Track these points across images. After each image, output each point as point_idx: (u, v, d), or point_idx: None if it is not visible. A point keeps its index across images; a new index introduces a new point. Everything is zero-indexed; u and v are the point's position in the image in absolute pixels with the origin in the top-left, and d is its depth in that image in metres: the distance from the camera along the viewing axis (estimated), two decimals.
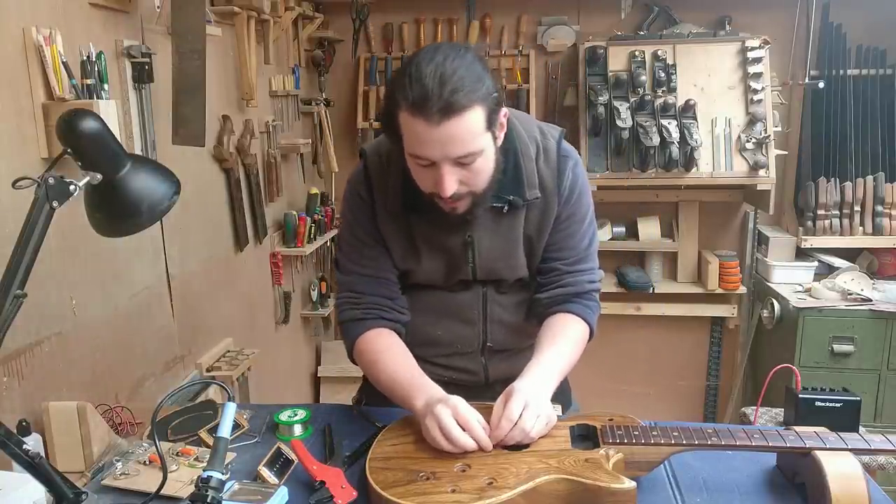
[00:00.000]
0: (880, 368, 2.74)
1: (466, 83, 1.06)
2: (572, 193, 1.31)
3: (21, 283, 0.96)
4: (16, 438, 0.97)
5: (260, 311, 2.75)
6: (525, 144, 1.28)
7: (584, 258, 1.36)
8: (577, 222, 1.33)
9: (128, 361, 1.76)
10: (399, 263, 1.35)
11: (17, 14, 1.37)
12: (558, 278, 1.34)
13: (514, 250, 1.32)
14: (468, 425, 1.08)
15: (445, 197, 1.15)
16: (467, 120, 1.08)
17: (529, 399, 1.12)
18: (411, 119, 1.09)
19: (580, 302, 1.35)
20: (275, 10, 2.58)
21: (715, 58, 2.92)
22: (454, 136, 1.08)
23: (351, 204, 1.35)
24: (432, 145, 1.10)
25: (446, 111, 1.06)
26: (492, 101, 1.11)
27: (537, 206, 1.30)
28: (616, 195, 3.17)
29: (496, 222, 1.29)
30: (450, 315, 1.38)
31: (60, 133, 1.05)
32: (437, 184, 1.14)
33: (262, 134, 2.70)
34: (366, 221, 1.33)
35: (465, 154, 1.11)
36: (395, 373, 1.24)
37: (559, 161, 1.30)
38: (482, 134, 1.12)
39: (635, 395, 3.48)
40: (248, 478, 1.15)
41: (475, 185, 1.17)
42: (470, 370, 1.42)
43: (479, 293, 1.37)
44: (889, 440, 1.04)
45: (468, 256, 1.32)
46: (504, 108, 1.18)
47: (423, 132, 1.08)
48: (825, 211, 2.98)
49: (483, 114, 1.10)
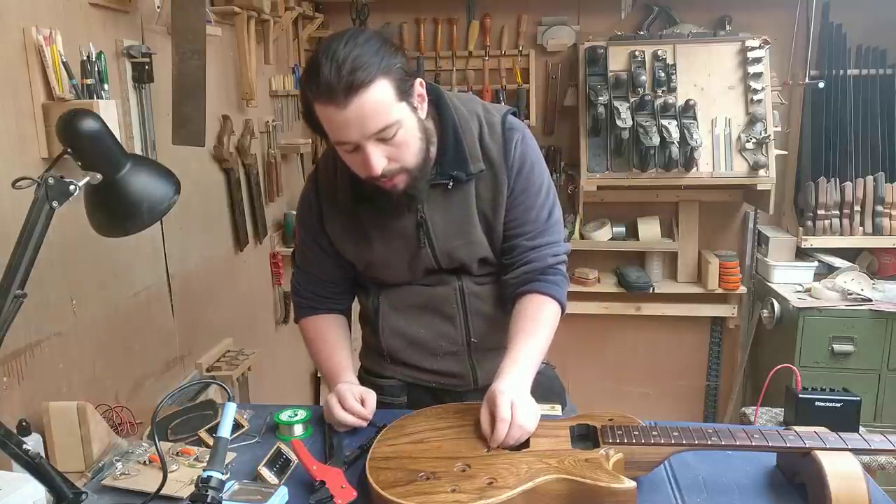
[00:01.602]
0: (880, 368, 2.74)
1: (363, 60, 1.09)
2: (523, 165, 1.31)
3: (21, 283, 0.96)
4: (16, 438, 0.97)
5: (260, 311, 2.75)
6: (464, 119, 1.30)
7: (545, 231, 1.35)
8: (532, 195, 1.33)
9: (128, 361, 1.76)
10: (354, 259, 1.38)
11: (17, 14, 1.37)
12: (522, 256, 1.34)
13: (470, 227, 1.32)
14: (343, 399, 1.29)
15: (375, 175, 1.17)
16: (373, 94, 1.10)
17: (514, 398, 1.13)
18: (323, 108, 1.12)
19: (546, 279, 1.33)
20: (275, 10, 2.58)
21: (715, 58, 2.92)
22: (365, 113, 1.11)
23: (301, 210, 1.45)
24: (347, 127, 1.13)
25: (349, 90, 1.09)
26: (397, 72, 1.13)
27: (486, 180, 1.31)
28: (616, 195, 3.17)
29: (445, 199, 1.31)
30: (428, 311, 1.39)
31: (60, 133, 1.05)
32: (364, 164, 1.16)
33: (262, 134, 2.70)
34: (311, 227, 1.41)
35: (382, 128, 1.13)
36: (320, 363, 1.45)
37: (504, 133, 1.31)
38: (394, 105, 1.14)
39: (635, 395, 3.48)
40: (248, 478, 1.15)
41: (403, 160, 1.19)
42: (457, 374, 1.42)
43: (455, 286, 1.37)
44: (889, 440, 1.04)
45: (422, 238, 1.32)
46: (419, 79, 1.20)
47: (336, 117, 1.12)
48: (825, 211, 2.98)
49: (390, 85, 1.12)
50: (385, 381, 1.46)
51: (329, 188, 1.36)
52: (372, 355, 1.50)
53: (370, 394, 1.32)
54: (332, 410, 1.29)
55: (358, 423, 1.29)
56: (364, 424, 1.29)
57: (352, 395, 1.30)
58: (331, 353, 1.43)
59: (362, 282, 1.46)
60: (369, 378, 1.48)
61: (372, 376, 1.49)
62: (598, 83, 2.96)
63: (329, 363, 1.42)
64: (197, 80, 1.85)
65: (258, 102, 2.56)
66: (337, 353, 1.43)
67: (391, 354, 1.44)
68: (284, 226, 2.90)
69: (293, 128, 3.04)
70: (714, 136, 2.89)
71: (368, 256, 1.37)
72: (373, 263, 1.38)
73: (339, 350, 1.43)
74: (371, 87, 1.10)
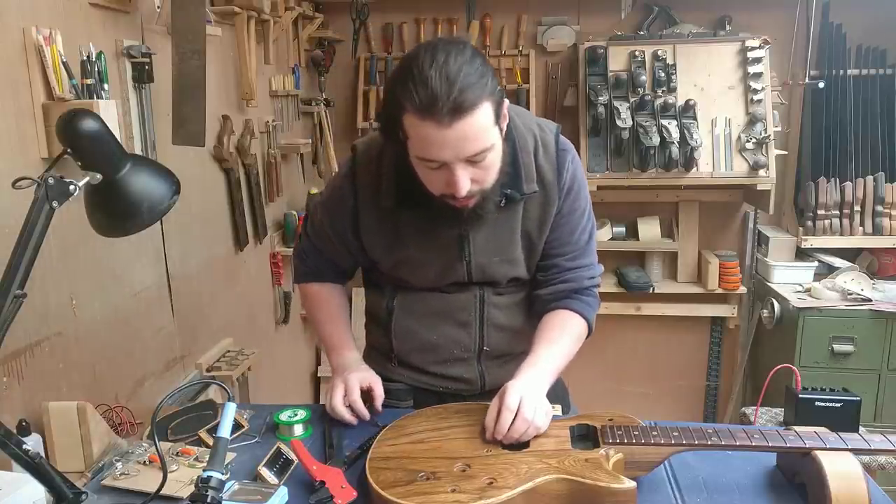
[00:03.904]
0: (880, 368, 2.74)
1: (472, 80, 1.05)
2: (572, 187, 1.31)
3: (21, 283, 0.96)
4: (16, 438, 0.97)
5: (260, 311, 2.75)
6: (523, 138, 1.28)
7: (584, 253, 1.36)
8: (577, 217, 1.33)
9: (128, 361, 1.76)
10: (382, 258, 1.36)
11: (17, 14, 1.37)
12: (559, 274, 1.34)
13: (511, 246, 1.32)
14: (350, 391, 1.30)
15: (460, 197, 1.14)
16: (477, 118, 1.07)
17: (524, 393, 1.13)
18: (419, 122, 1.06)
19: (580, 298, 1.34)
20: (275, 10, 2.58)
21: (715, 58, 2.92)
22: (466, 136, 1.07)
23: (331, 194, 1.40)
24: (444, 147, 1.08)
25: (456, 112, 1.04)
26: (497, 94, 1.11)
27: (536, 200, 1.29)
28: (616, 195, 3.17)
29: (493, 216, 1.28)
30: (444, 317, 1.38)
31: (60, 133, 1.05)
32: (449, 184, 1.13)
33: (262, 134, 2.70)
34: (338, 218, 1.37)
35: (479, 151, 1.10)
36: (320, 330, 1.47)
37: (558, 155, 1.30)
38: (492, 129, 1.11)
39: (635, 395, 3.48)
40: (248, 478, 1.15)
41: (486, 182, 1.17)
42: (466, 379, 1.41)
43: (475, 294, 1.36)
44: (889, 440, 1.04)
45: (463, 252, 1.31)
46: (507, 100, 1.18)
47: (434, 135, 1.06)
48: (825, 211, 2.98)
49: (491, 109, 1.09)
50: (391, 385, 1.45)
51: (370, 187, 1.31)
52: (377, 357, 1.48)
53: (377, 383, 1.33)
54: (334, 401, 1.30)
55: (353, 421, 1.30)
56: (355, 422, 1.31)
57: (358, 388, 1.31)
58: (332, 322, 1.45)
59: (378, 281, 1.44)
60: None
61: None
62: (598, 83, 2.96)
63: (330, 332, 1.44)
64: (197, 80, 1.85)
65: (258, 102, 2.56)
66: (339, 324, 1.45)
67: (400, 357, 1.43)
68: (284, 226, 2.90)
69: (293, 128, 3.04)
70: (714, 136, 2.89)
71: (400, 257, 1.34)
72: (402, 265, 1.35)
73: (341, 320, 1.46)
74: (477, 110, 1.06)
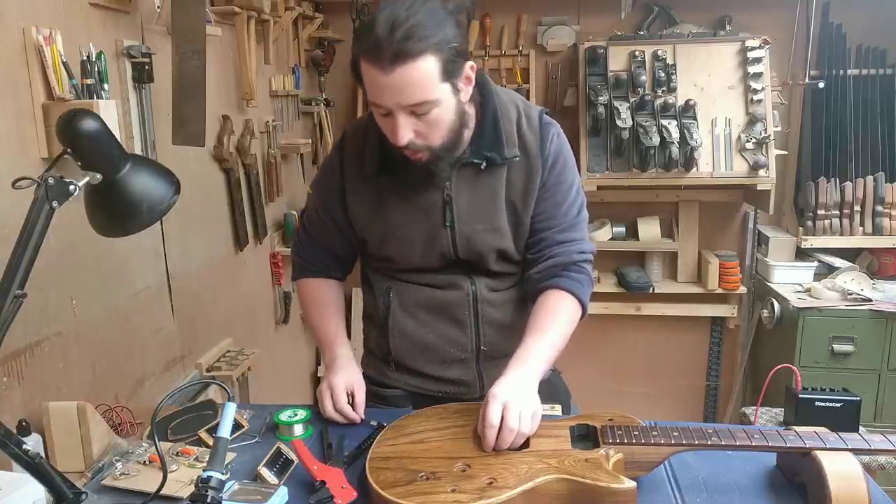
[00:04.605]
0: (880, 368, 2.74)
1: (419, 30, 1.07)
2: (557, 159, 1.31)
3: (21, 283, 0.96)
4: (16, 438, 0.97)
5: (260, 311, 2.75)
6: (505, 106, 1.30)
7: (574, 226, 1.34)
8: (563, 190, 1.32)
9: (128, 361, 1.76)
10: (369, 232, 1.37)
11: (17, 14, 1.37)
12: (548, 249, 1.33)
13: (495, 213, 1.31)
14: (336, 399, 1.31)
15: (399, 146, 1.17)
16: (419, 68, 1.09)
17: (508, 399, 1.11)
18: (367, 66, 1.11)
19: (570, 275, 1.31)
20: (275, 10, 2.58)
21: (715, 58, 2.92)
22: (406, 84, 1.10)
23: (321, 171, 1.45)
24: (385, 92, 1.11)
25: (396, 58, 1.07)
26: (449, 50, 1.11)
27: (519, 168, 1.30)
28: (616, 195, 3.17)
29: (475, 180, 1.30)
30: (440, 316, 1.38)
31: (60, 133, 1.05)
32: (391, 132, 1.16)
33: (262, 134, 2.70)
34: (327, 195, 1.40)
35: (418, 102, 1.12)
36: (314, 325, 1.48)
37: (542, 127, 1.31)
38: (437, 84, 1.12)
39: (635, 395, 3.48)
40: (248, 478, 1.15)
41: (431, 138, 1.18)
42: (464, 381, 1.41)
43: (468, 290, 1.36)
44: (889, 440, 1.04)
45: (445, 217, 1.31)
46: (471, 62, 1.19)
47: (376, 78, 1.10)
48: (825, 211, 2.98)
49: (438, 63, 1.10)
50: (390, 392, 1.46)
51: (355, 158, 1.34)
52: (376, 362, 1.49)
53: (360, 389, 1.35)
54: (324, 405, 1.33)
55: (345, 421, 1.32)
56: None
57: (344, 393, 1.33)
58: (325, 318, 1.45)
59: (372, 277, 1.45)
60: (373, 388, 1.46)
61: (376, 386, 1.47)
62: (598, 83, 2.96)
63: (323, 328, 1.45)
64: (197, 80, 1.85)
65: (258, 102, 2.56)
66: (331, 319, 1.45)
67: (397, 359, 1.43)
68: (284, 226, 2.90)
69: (293, 128, 3.04)
70: (714, 136, 2.89)
71: (384, 229, 1.35)
72: (387, 238, 1.35)
73: (333, 315, 1.46)
74: (418, 60, 1.08)
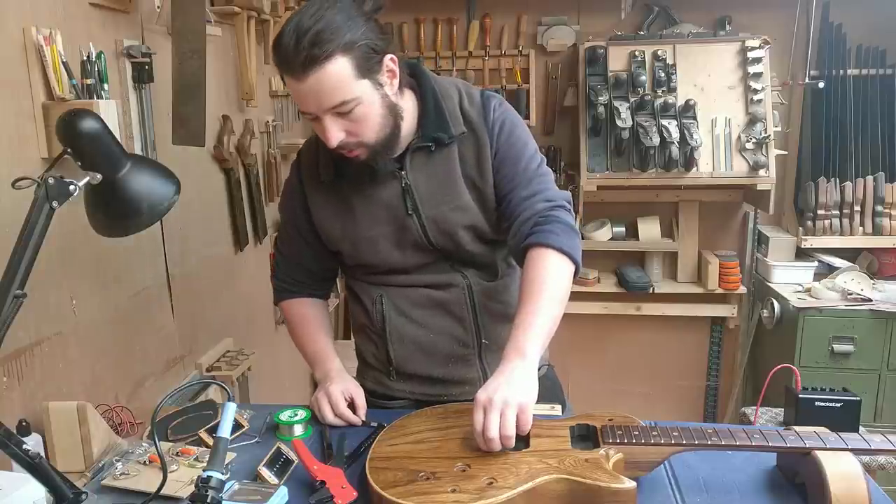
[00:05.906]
0: (880, 368, 2.74)
1: (325, 34, 1.10)
2: (504, 125, 1.32)
3: (21, 283, 0.96)
4: (16, 438, 0.97)
5: (260, 311, 2.75)
6: (445, 89, 1.33)
7: (533, 180, 1.31)
8: (517, 151, 1.32)
9: (128, 361, 1.76)
10: (340, 241, 1.37)
11: (17, 14, 1.37)
12: (516, 208, 1.29)
13: (456, 190, 1.32)
14: (335, 405, 1.32)
15: (331, 147, 1.20)
16: (330, 70, 1.12)
17: (487, 403, 1.08)
18: (285, 77, 1.15)
19: (540, 229, 1.25)
20: (275, 10, 2.58)
21: (715, 58, 2.92)
22: (322, 88, 1.13)
23: (284, 194, 1.47)
24: (306, 98, 1.15)
25: (306, 65, 1.11)
26: (359, 49, 1.14)
27: (469, 143, 1.31)
28: (616, 195, 3.17)
29: (429, 162, 1.32)
30: (435, 310, 1.38)
31: (60, 133, 1.05)
32: (322, 135, 1.19)
33: (262, 134, 2.70)
34: (292, 211, 1.42)
35: (339, 103, 1.15)
36: (302, 346, 1.47)
37: (484, 101, 1.33)
38: (353, 82, 1.15)
39: (635, 396, 3.48)
40: (248, 478, 1.15)
41: (363, 135, 1.20)
42: (468, 380, 1.40)
43: (463, 286, 1.37)
44: (889, 440, 1.04)
45: (408, 203, 1.31)
46: (389, 55, 1.20)
47: (294, 87, 1.15)
48: (825, 211, 2.98)
49: (349, 62, 1.13)
50: (391, 403, 1.44)
51: (311, 166, 1.37)
52: (374, 374, 1.47)
53: (359, 393, 1.35)
54: (323, 413, 1.33)
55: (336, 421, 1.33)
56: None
57: (343, 398, 1.33)
58: (312, 338, 1.46)
59: (359, 289, 1.43)
60: (376, 402, 1.44)
61: (378, 398, 1.45)
62: (598, 83, 2.96)
63: (312, 347, 1.44)
64: (197, 80, 1.85)
65: (258, 102, 2.55)
66: (318, 337, 1.45)
67: (398, 366, 1.41)
68: None
69: (293, 128, 3.04)
70: (714, 136, 2.89)
71: (353, 233, 1.35)
72: (358, 242, 1.35)
73: (320, 332, 1.46)
74: (327, 63, 1.11)
